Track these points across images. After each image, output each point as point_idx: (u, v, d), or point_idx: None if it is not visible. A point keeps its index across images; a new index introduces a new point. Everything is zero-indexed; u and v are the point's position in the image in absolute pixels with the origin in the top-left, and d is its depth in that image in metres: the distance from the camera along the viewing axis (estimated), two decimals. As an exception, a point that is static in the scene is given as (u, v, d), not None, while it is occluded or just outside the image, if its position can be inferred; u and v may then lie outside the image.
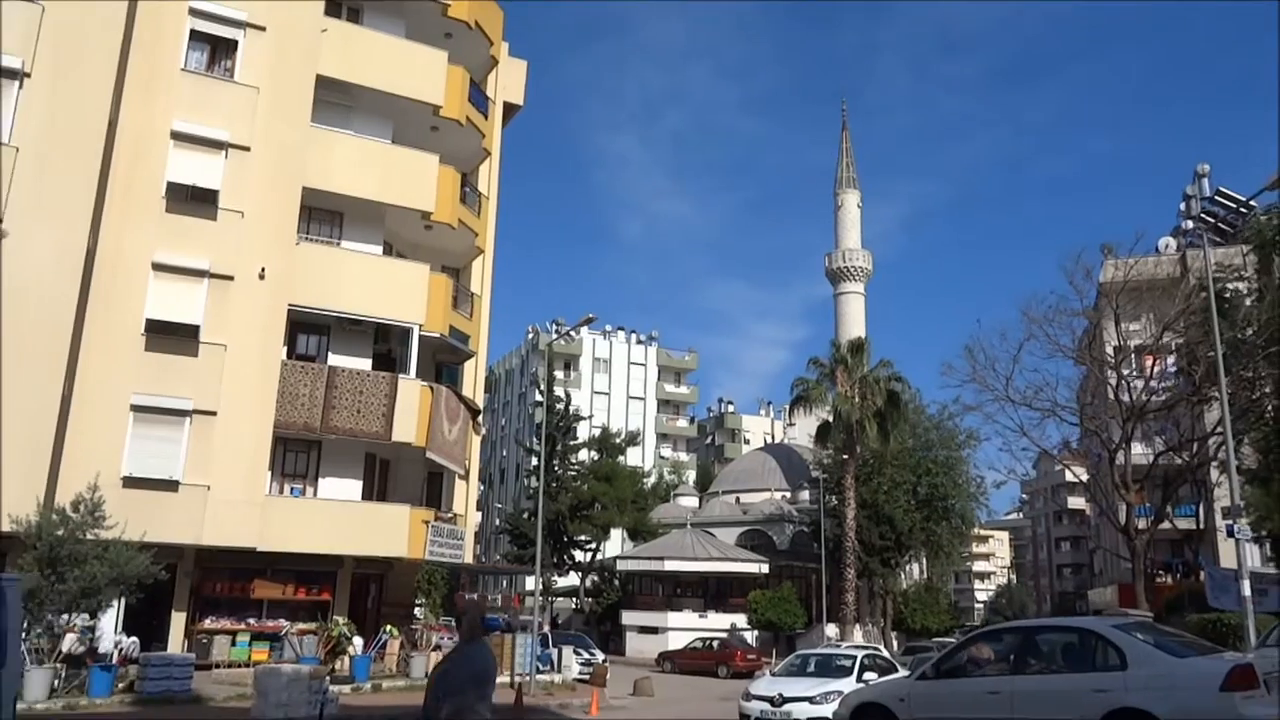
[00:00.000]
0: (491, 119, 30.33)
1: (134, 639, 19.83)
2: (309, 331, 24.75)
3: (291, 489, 24.03)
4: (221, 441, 21.61)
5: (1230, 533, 15.98)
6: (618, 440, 58.95)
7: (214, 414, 21.62)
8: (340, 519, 23.44)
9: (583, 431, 61.68)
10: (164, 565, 18.38)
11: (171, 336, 21.46)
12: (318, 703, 15.57)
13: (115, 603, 18.47)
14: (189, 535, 20.98)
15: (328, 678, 17.11)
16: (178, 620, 22.00)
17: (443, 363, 28.57)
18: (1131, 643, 9.17)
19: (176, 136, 22.27)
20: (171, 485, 20.89)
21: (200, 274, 21.97)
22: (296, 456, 24.37)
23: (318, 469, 24.44)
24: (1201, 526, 38.66)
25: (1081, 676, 9.27)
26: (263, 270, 22.55)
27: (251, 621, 23.14)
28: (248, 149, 22.99)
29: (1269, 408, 27.29)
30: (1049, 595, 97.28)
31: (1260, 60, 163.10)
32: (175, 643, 21.66)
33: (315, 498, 24.02)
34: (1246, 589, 15.20)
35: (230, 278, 22.30)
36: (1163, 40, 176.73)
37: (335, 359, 24.57)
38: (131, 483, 20.42)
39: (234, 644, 22.61)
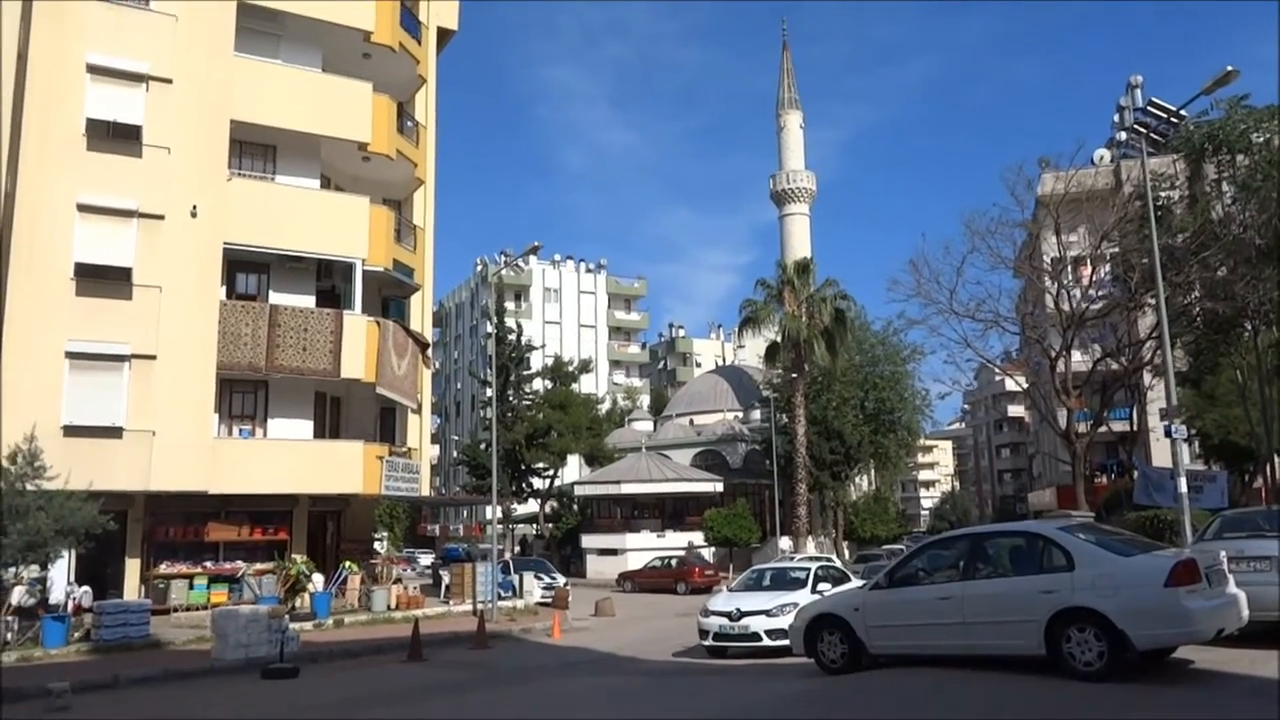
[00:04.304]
0: (425, 44, 29.31)
1: (86, 588, 19.62)
2: (248, 270, 24.11)
3: (240, 430, 23.67)
4: (164, 385, 21.13)
5: (1168, 433, 16.41)
6: (570, 368, 58.94)
7: (154, 358, 21.08)
8: (292, 458, 23.21)
9: (535, 361, 61.46)
10: (113, 514, 18.07)
11: (103, 280, 20.75)
12: (278, 641, 15.62)
13: (65, 553, 18.16)
14: (137, 482, 20.61)
15: (287, 616, 17.13)
16: (132, 567, 21.75)
17: (389, 297, 28.11)
18: (1077, 543, 9.41)
19: (93, 70, 21.19)
20: (115, 432, 20.44)
21: (129, 214, 21.17)
22: (244, 398, 23.96)
23: (266, 409, 24.08)
24: (1135, 428, 39.99)
25: (1029, 579, 9.50)
26: (194, 208, 21.81)
27: (208, 564, 22.98)
28: (170, 81, 21.99)
29: (1198, 311, 28.05)
30: (990, 500, 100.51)
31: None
32: (131, 590, 21.44)
33: (265, 438, 23.71)
34: (1183, 485, 15.76)
35: (161, 217, 21.54)
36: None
37: (277, 297, 24.01)
38: (72, 431, 19.92)
39: (191, 588, 22.48)
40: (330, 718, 11.22)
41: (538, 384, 58.20)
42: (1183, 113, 19.06)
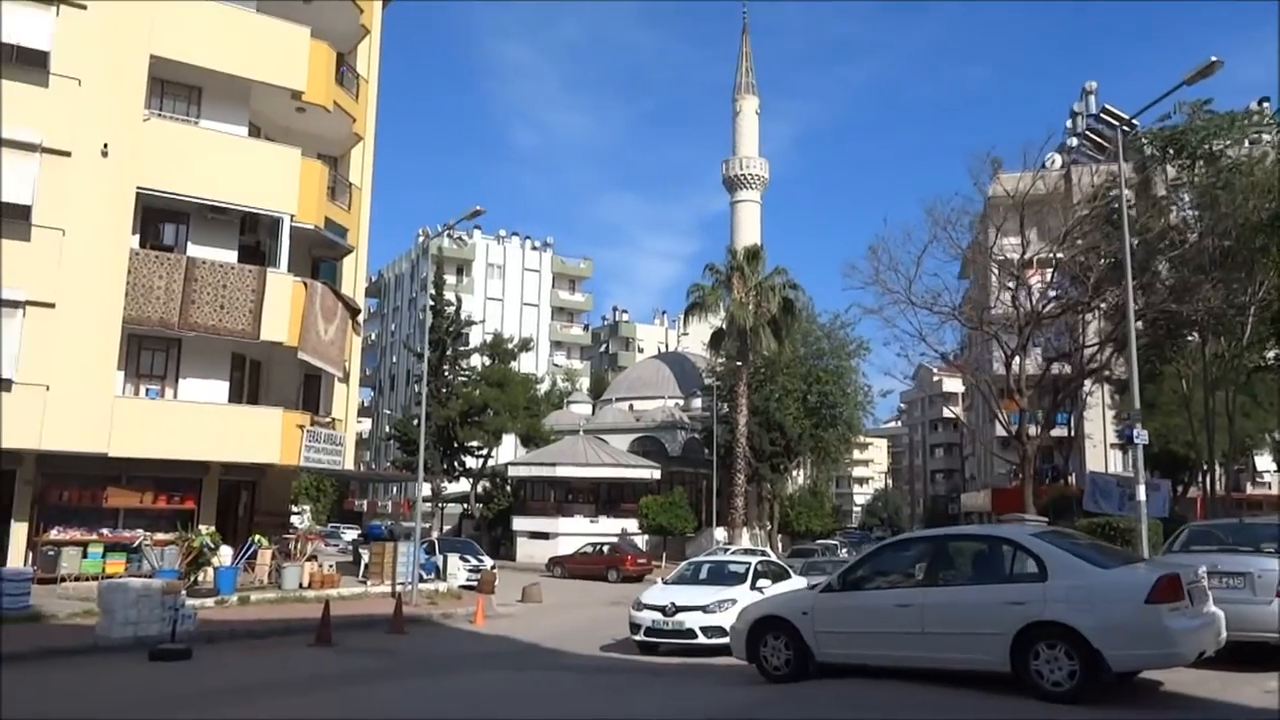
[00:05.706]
0: (370, -9, 27.70)
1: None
2: (165, 219, 22.41)
3: (148, 390, 22.00)
4: (63, 337, 19.40)
5: (1130, 438, 15.87)
6: (510, 346, 57.48)
7: (52, 306, 19.32)
8: (204, 423, 21.62)
9: (475, 337, 59.83)
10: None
11: (-2, 218, 18.95)
12: (171, 619, 14.25)
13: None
14: (27, 439, 18.91)
15: (183, 592, 15.70)
16: (18, 531, 20.07)
17: (319, 258, 26.53)
18: (1051, 551, 8.60)
19: (-3, -13, 19.31)
20: (2, 384, 18.69)
21: (30, 148, 19.27)
22: (153, 355, 22.29)
23: (178, 369, 22.42)
24: (1072, 434, 40.03)
25: (997, 588, 8.69)
26: (105, 146, 20.05)
27: (105, 532, 21.30)
28: (84, 7, 20.17)
29: (1152, 317, 27.82)
30: (922, 499, 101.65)
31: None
32: (17, 556, 19.77)
33: (175, 400, 22.09)
34: (1142, 493, 15.23)
35: (67, 154, 19.73)
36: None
37: (196, 250, 22.33)
38: (-46, 381, 18.17)
39: (85, 556, 20.76)
40: (185, 716, 9.92)
41: (476, 360, 56.64)
42: (1135, 122, 18.67)
